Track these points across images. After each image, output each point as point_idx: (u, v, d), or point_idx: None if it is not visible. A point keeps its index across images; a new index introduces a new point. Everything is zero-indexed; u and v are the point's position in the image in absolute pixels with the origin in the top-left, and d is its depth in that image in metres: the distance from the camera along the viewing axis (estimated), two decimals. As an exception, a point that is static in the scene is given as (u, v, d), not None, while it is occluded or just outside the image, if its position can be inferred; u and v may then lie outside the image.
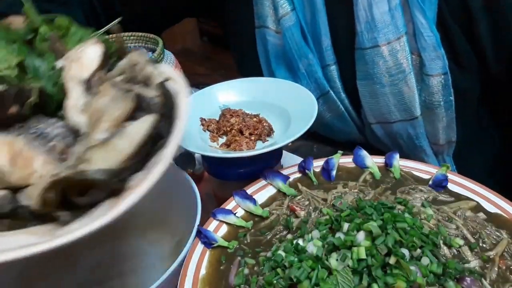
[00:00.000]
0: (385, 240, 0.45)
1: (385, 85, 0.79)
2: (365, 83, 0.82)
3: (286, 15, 0.84)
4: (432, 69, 0.75)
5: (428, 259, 0.47)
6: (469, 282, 0.46)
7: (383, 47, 0.76)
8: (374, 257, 0.45)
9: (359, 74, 0.82)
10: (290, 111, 0.71)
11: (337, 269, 0.45)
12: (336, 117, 0.90)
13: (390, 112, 0.81)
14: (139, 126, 0.41)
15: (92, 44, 0.51)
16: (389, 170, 0.64)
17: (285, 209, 0.60)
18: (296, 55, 0.85)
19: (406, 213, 0.53)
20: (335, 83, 0.86)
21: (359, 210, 0.52)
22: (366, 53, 0.78)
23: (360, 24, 0.77)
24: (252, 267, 0.53)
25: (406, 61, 0.76)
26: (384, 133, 0.86)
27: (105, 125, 0.42)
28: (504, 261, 0.50)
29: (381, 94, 0.80)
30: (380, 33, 0.76)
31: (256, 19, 0.90)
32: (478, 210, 0.56)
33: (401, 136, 0.84)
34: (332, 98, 0.87)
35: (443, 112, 0.79)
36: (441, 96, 0.77)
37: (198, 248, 0.56)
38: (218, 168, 0.70)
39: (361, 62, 0.80)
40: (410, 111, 0.80)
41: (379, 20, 0.75)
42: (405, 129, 0.82)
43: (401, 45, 0.75)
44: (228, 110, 0.74)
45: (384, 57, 0.77)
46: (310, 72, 0.85)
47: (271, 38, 0.89)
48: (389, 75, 0.78)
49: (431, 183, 0.61)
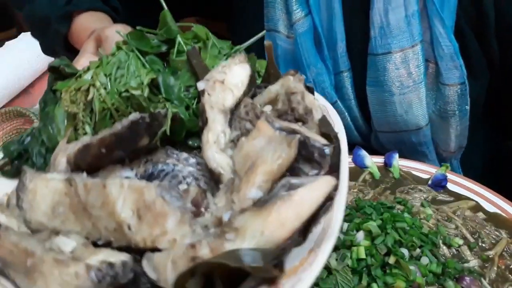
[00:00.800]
0: (384, 239, 0.46)
1: (394, 94, 0.77)
2: (374, 90, 0.80)
3: (299, 20, 0.81)
4: (449, 79, 0.73)
5: (427, 258, 0.47)
6: (469, 282, 0.46)
7: (395, 54, 0.74)
8: (374, 257, 0.45)
9: (369, 81, 0.80)
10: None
11: (337, 269, 0.45)
12: None
13: (396, 122, 0.80)
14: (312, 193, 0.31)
15: (239, 62, 0.42)
16: (388, 170, 0.64)
17: (285, 209, 0.60)
18: (305, 63, 0.83)
19: (406, 213, 0.53)
20: (347, 90, 0.84)
21: (358, 209, 0.52)
22: (378, 59, 0.76)
23: (374, 29, 0.75)
24: (252, 267, 0.52)
25: (418, 70, 0.74)
26: (388, 140, 0.86)
27: (260, 178, 0.33)
28: (503, 261, 0.50)
29: (388, 103, 0.79)
30: (394, 40, 0.73)
31: (266, 22, 0.87)
32: (478, 209, 0.56)
33: (403, 143, 0.83)
34: (339, 109, 0.84)
35: (458, 121, 0.77)
36: (456, 106, 0.75)
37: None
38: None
39: (372, 68, 0.78)
40: (416, 121, 0.78)
41: (394, 26, 0.73)
42: (409, 137, 0.81)
43: (415, 53, 0.73)
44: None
45: (396, 65, 0.75)
46: (318, 81, 0.83)
47: (281, 43, 0.86)
48: (399, 83, 0.76)
49: (430, 182, 0.61)
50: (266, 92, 0.41)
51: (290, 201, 0.30)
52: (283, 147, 0.33)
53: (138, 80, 0.43)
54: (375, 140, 0.89)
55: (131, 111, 0.42)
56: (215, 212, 0.35)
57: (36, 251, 0.32)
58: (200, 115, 0.40)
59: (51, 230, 0.35)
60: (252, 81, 0.42)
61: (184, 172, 0.38)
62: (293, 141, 0.33)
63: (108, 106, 0.42)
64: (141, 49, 0.45)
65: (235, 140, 0.38)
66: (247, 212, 0.31)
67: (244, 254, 0.28)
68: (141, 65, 0.44)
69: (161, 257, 0.31)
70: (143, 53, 0.45)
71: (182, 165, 0.39)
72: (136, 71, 0.43)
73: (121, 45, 0.46)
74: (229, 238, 0.30)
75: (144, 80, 0.42)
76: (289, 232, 0.29)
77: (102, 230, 0.33)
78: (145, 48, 0.46)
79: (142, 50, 0.45)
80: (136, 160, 0.39)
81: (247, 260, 0.28)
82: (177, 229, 0.32)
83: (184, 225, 0.32)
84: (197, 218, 0.34)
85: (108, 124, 0.42)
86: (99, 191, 0.33)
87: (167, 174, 0.38)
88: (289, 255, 0.31)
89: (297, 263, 0.31)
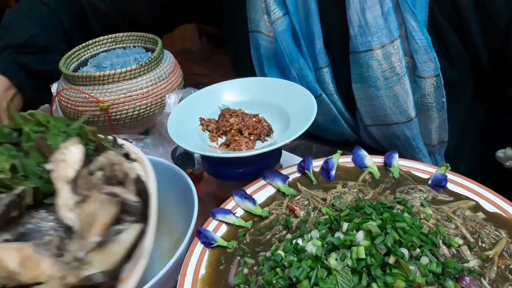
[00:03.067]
0: (384, 239, 0.45)
1: (380, 88, 0.80)
2: (360, 86, 0.83)
3: (278, 19, 0.85)
4: (424, 71, 0.76)
5: (427, 258, 0.47)
6: (468, 282, 0.46)
7: (377, 51, 0.77)
8: (374, 257, 0.45)
9: (354, 78, 0.83)
10: (289, 110, 0.71)
11: (337, 269, 0.45)
12: (329, 119, 0.90)
13: (386, 115, 0.83)
14: (128, 235, 0.50)
15: (74, 144, 0.58)
16: (388, 170, 0.64)
17: (285, 209, 0.60)
18: (287, 59, 0.86)
19: (405, 213, 0.53)
20: (328, 85, 0.87)
21: (358, 209, 0.52)
22: (360, 56, 0.79)
23: (353, 28, 0.78)
24: (252, 267, 0.53)
25: (400, 64, 0.77)
26: (381, 134, 0.87)
27: (97, 229, 0.51)
28: (503, 261, 0.50)
29: (376, 97, 0.81)
30: (374, 37, 0.76)
31: (249, 23, 0.91)
32: (477, 209, 0.56)
33: (398, 137, 0.85)
34: (325, 101, 0.87)
35: (435, 113, 0.80)
36: (433, 98, 0.78)
37: (197, 248, 0.56)
38: (218, 168, 0.70)
39: (355, 65, 0.81)
40: (405, 113, 0.81)
41: (372, 24, 0.76)
42: (402, 131, 0.83)
43: (395, 48, 0.77)
44: (227, 110, 0.74)
45: (379, 61, 0.78)
46: (301, 76, 0.86)
47: (264, 42, 0.90)
48: (383, 78, 0.79)
49: (430, 182, 0.61)
50: (96, 162, 0.58)
51: (117, 241, 0.49)
52: (111, 207, 0.51)
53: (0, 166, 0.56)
54: (366, 135, 0.91)
55: None
56: (73, 252, 0.51)
57: None
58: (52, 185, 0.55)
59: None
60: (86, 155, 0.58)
61: (46, 227, 0.54)
62: (116, 202, 0.51)
63: (-22, 190, 0.56)
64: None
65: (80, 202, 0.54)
66: (93, 251, 0.49)
67: (95, 276, 0.48)
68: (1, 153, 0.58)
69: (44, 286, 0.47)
70: None
71: (44, 222, 0.55)
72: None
73: None
74: (84, 268, 0.48)
75: (6, 165, 0.55)
76: (119, 258, 0.49)
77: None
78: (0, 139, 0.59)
79: None
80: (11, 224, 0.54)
81: (98, 279, 0.47)
82: (51, 268, 0.48)
83: (54, 265, 0.49)
84: (61, 258, 0.50)
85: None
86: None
87: (34, 231, 0.54)
88: (122, 270, 0.49)
89: (127, 274, 0.49)
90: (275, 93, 0.75)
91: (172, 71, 0.86)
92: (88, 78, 0.79)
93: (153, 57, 0.81)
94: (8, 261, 0.48)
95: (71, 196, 0.55)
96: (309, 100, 0.69)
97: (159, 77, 0.82)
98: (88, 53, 0.93)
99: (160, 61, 0.84)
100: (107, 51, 0.93)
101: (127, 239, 0.50)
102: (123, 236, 0.50)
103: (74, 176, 0.56)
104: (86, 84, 0.79)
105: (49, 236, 0.54)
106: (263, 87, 0.77)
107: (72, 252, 0.51)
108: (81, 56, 0.92)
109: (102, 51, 0.93)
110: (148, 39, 0.92)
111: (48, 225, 0.55)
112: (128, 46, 0.94)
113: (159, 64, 0.84)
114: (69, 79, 0.81)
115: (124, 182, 0.56)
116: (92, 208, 0.53)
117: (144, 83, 0.80)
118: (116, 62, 0.87)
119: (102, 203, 0.52)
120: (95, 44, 0.93)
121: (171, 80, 0.85)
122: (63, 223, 0.54)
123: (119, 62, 0.86)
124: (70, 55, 0.89)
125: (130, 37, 0.94)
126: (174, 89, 0.85)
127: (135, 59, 0.87)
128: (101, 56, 0.91)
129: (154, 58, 0.82)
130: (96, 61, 0.89)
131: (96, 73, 0.78)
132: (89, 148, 0.61)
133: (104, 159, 0.58)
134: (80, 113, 0.81)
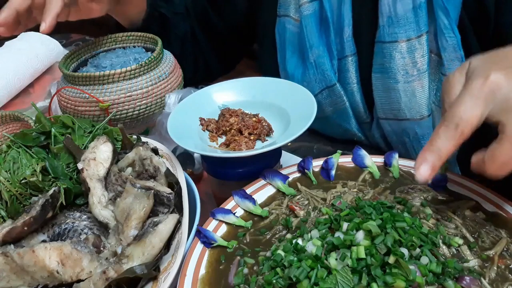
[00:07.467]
0: (384, 239, 0.45)
1: (399, 81, 0.80)
2: (379, 76, 0.83)
3: (305, 3, 0.86)
4: (450, 70, 0.76)
5: (427, 258, 0.47)
6: (468, 281, 0.46)
7: (402, 44, 0.78)
8: (374, 257, 0.45)
9: (375, 67, 0.83)
10: (290, 111, 0.71)
11: (337, 269, 0.45)
12: (337, 111, 0.90)
13: (399, 109, 0.83)
14: (166, 226, 0.52)
15: (103, 142, 0.61)
16: (388, 170, 0.64)
17: (285, 209, 0.60)
18: (308, 44, 0.87)
19: (405, 213, 0.53)
20: (351, 74, 0.87)
21: (358, 209, 0.52)
22: (385, 46, 0.80)
23: (382, 18, 0.79)
24: (252, 267, 0.53)
25: (423, 60, 0.77)
26: (391, 130, 0.87)
27: (133, 223, 0.53)
28: (503, 260, 0.50)
29: (393, 90, 0.82)
30: (401, 29, 0.77)
31: (279, 8, 0.93)
32: (477, 209, 0.56)
33: (407, 134, 0.85)
34: (338, 92, 0.88)
35: None
36: None
37: (197, 248, 0.56)
38: (218, 167, 0.70)
39: (379, 55, 0.82)
40: (419, 110, 0.81)
41: (401, 17, 0.77)
42: (413, 128, 0.83)
43: (421, 43, 0.77)
44: (227, 109, 0.74)
45: (402, 53, 0.78)
46: (318, 63, 0.87)
47: (290, 26, 0.91)
48: (404, 71, 0.79)
49: (430, 182, 0.61)
50: (126, 159, 0.60)
51: (155, 232, 0.51)
52: (145, 200, 0.54)
53: (31, 169, 0.59)
54: (376, 129, 0.91)
55: (31, 192, 0.59)
56: (110, 248, 0.54)
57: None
58: (83, 184, 0.59)
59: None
60: (115, 153, 0.61)
61: (81, 226, 0.57)
62: (150, 195, 0.54)
63: (13, 193, 0.58)
64: (26, 144, 0.62)
65: (112, 199, 0.58)
66: (131, 244, 0.52)
67: (136, 268, 0.50)
68: (30, 156, 0.61)
69: (85, 284, 0.50)
70: (28, 147, 0.62)
71: (78, 222, 0.58)
72: (27, 162, 0.60)
73: (10, 144, 0.63)
74: (124, 262, 0.51)
75: (37, 168, 0.58)
76: (158, 250, 0.51)
77: (39, 279, 0.50)
78: (29, 143, 0.62)
79: (27, 145, 0.62)
80: (45, 226, 0.58)
81: (138, 271, 0.49)
82: (90, 264, 0.51)
83: (94, 261, 0.52)
84: (99, 255, 0.54)
85: (16, 206, 0.59)
86: (30, 255, 0.50)
87: (69, 230, 0.57)
88: (161, 261, 0.52)
89: (166, 264, 0.52)
90: (275, 93, 0.75)
91: (172, 71, 0.86)
92: (88, 78, 0.79)
93: (153, 57, 0.81)
94: (49, 261, 0.50)
95: (104, 193, 0.58)
96: (309, 100, 0.69)
97: (159, 77, 0.82)
98: (88, 53, 0.93)
99: (160, 61, 0.84)
100: (107, 51, 0.93)
101: (164, 230, 0.52)
102: (161, 228, 0.52)
103: (105, 174, 0.59)
104: (86, 84, 0.79)
105: (85, 234, 0.57)
106: (263, 87, 0.77)
107: (110, 248, 0.54)
108: (81, 56, 0.92)
109: (102, 51, 0.93)
110: (148, 39, 0.92)
111: (82, 224, 0.57)
112: (128, 46, 0.93)
113: (159, 64, 0.84)
114: (69, 79, 0.81)
115: (155, 176, 0.59)
116: (126, 203, 0.54)
117: (144, 83, 0.80)
118: (116, 62, 0.86)
119: (136, 197, 0.54)
120: (95, 44, 0.93)
121: (171, 80, 0.85)
122: (98, 221, 0.57)
123: (119, 62, 0.86)
124: (70, 55, 0.89)
125: (130, 37, 0.94)
126: (174, 89, 0.85)
127: (135, 59, 0.87)
128: (101, 56, 0.91)
129: (154, 58, 0.82)
130: (96, 61, 0.89)
131: (96, 73, 0.78)
132: (117, 146, 0.63)
133: (134, 155, 0.60)
134: (80, 113, 0.80)
